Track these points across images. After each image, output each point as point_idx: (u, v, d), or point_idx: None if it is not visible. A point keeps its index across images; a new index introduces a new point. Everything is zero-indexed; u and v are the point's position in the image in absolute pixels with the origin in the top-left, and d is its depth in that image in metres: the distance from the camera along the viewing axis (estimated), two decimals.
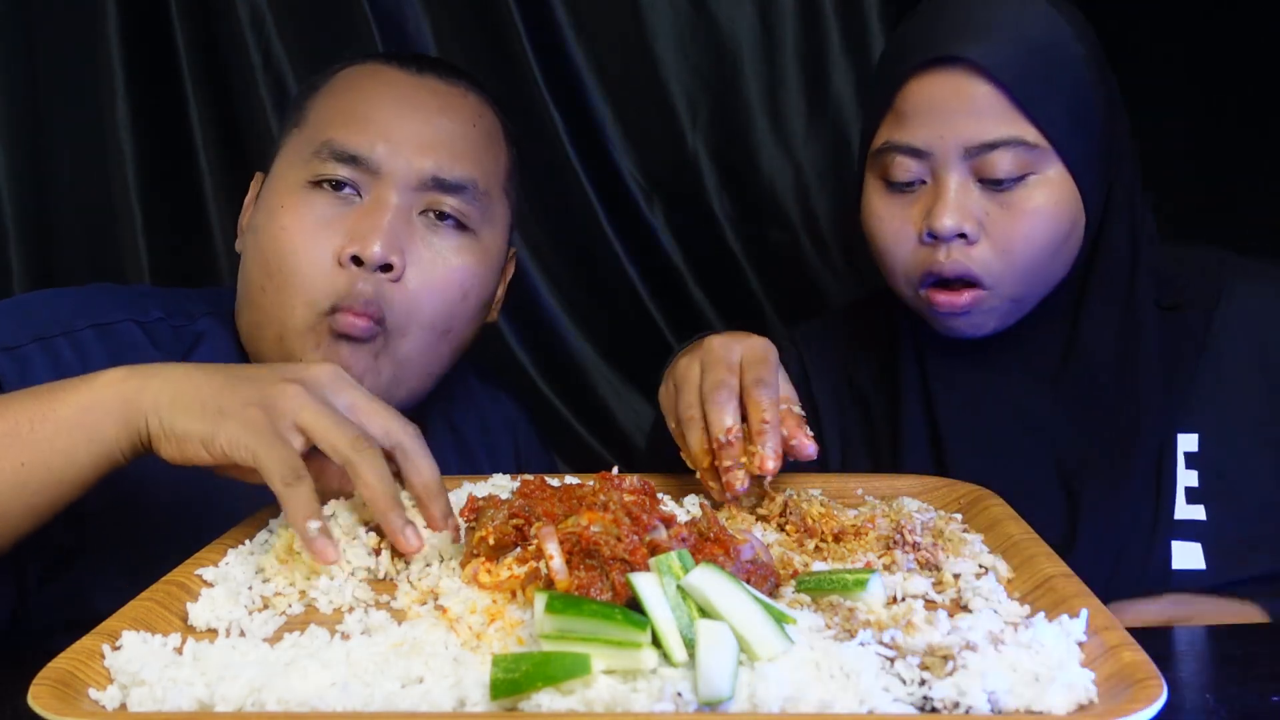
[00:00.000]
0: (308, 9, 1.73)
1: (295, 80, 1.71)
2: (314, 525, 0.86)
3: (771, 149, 1.75)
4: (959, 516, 1.04)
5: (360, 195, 1.17)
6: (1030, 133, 1.11)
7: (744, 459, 1.01)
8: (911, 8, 1.21)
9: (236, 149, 1.75)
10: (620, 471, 0.91)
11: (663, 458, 1.18)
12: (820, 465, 1.17)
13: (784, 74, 1.73)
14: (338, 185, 1.16)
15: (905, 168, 1.15)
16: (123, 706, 0.70)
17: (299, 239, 1.15)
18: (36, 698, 0.66)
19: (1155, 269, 1.22)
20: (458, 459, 1.39)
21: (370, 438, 0.91)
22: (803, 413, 1.07)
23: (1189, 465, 1.19)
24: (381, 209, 1.15)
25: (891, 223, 1.18)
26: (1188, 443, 1.19)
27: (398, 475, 0.94)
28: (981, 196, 1.14)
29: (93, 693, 0.71)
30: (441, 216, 1.19)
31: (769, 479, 1.02)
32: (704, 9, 1.72)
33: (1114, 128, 1.19)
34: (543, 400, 1.83)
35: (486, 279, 1.25)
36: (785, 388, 1.08)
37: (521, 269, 1.78)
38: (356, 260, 1.14)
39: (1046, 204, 1.13)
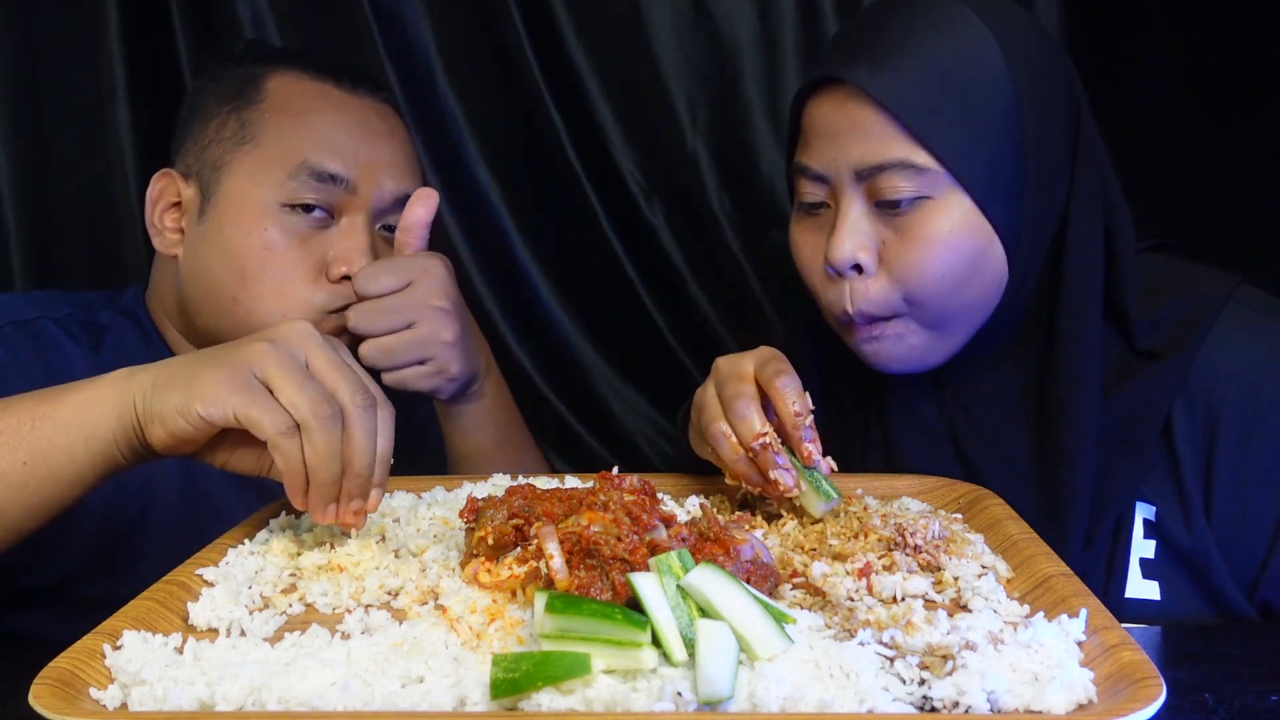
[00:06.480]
0: (308, 9, 1.73)
1: None
2: None
3: (771, 149, 1.75)
4: (959, 516, 1.04)
5: (333, 217, 1.27)
6: (920, 156, 1.07)
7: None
8: None
9: None
10: (620, 471, 0.91)
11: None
12: None
13: (784, 74, 1.73)
14: (312, 207, 1.25)
15: (809, 191, 1.14)
16: (123, 706, 0.71)
17: (284, 256, 1.24)
18: (37, 697, 0.67)
19: (1131, 310, 1.14)
20: None
21: (334, 402, 0.88)
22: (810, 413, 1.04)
23: (1147, 534, 1.12)
24: (359, 231, 1.27)
25: (804, 248, 1.16)
26: (1146, 510, 1.12)
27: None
28: (879, 223, 1.10)
29: (94, 692, 0.71)
30: (390, 229, 1.32)
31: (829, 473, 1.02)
32: (704, 9, 1.72)
33: (1055, 155, 1.12)
34: (543, 400, 1.83)
35: None
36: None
37: (522, 270, 1.79)
38: (345, 277, 1.26)
39: (942, 231, 1.08)
